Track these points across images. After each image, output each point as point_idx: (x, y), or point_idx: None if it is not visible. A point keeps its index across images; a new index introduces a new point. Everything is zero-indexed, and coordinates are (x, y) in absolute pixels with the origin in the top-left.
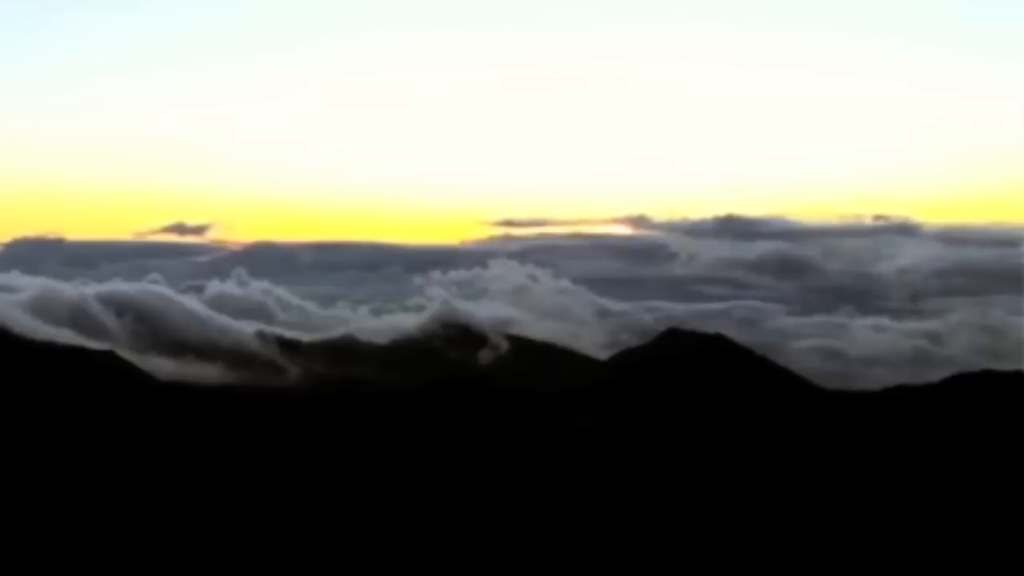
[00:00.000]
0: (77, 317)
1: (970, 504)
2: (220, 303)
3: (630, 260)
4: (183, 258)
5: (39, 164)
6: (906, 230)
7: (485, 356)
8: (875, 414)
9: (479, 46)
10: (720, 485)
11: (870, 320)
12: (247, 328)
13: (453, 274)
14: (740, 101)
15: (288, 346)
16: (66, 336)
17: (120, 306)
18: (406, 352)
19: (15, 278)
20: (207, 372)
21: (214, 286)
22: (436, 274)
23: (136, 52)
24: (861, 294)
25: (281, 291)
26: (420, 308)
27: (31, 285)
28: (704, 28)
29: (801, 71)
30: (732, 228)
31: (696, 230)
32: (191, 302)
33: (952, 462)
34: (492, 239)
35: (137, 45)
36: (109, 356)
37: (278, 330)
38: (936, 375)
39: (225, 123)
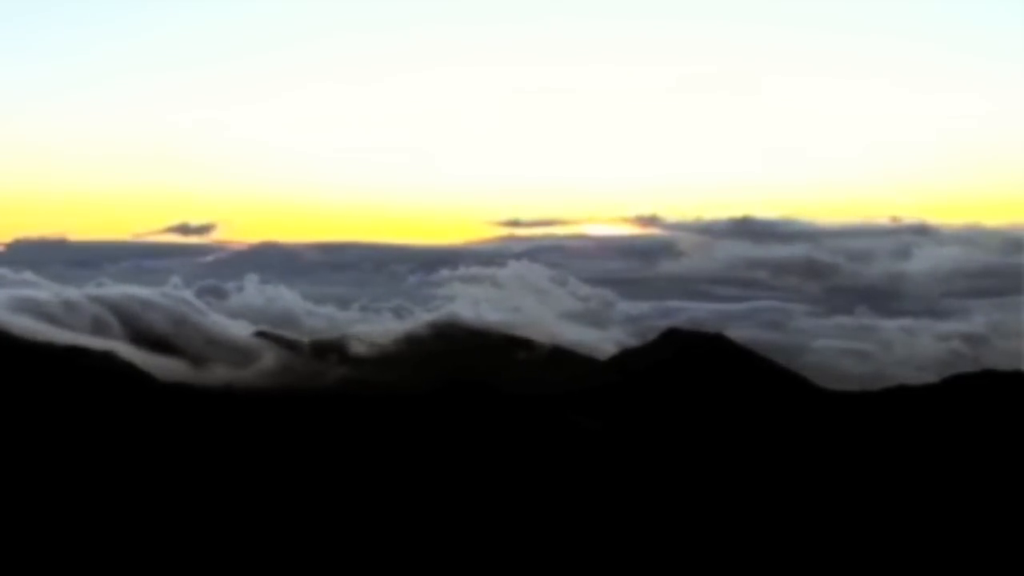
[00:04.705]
0: (86, 319)
1: (970, 504)
2: (226, 305)
3: (643, 260)
4: (187, 259)
5: (41, 165)
6: (923, 231)
7: (490, 357)
8: (875, 414)
9: (484, 46)
10: (722, 485)
11: (897, 322)
12: (251, 329)
13: (459, 274)
14: (750, 102)
15: (291, 347)
16: (78, 339)
17: (131, 309)
18: (411, 353)
19: (27, 278)
20: (211, 373)
21: (221, 288)
22: (442, 274)
23: (139, 53)
24: (883, 296)
25: (285, 291)
26: (425, 309)
27: (40, 286)
28: (714, 29)
29: (813, 73)
30: (748, 229)
31: (710, 230)
32: (201, 305)
33: (952, 462)
34: (498, 239)
35: (140, 46)
36: (109, 357)
37: (282, 331)
38: None
39: (228, 123)
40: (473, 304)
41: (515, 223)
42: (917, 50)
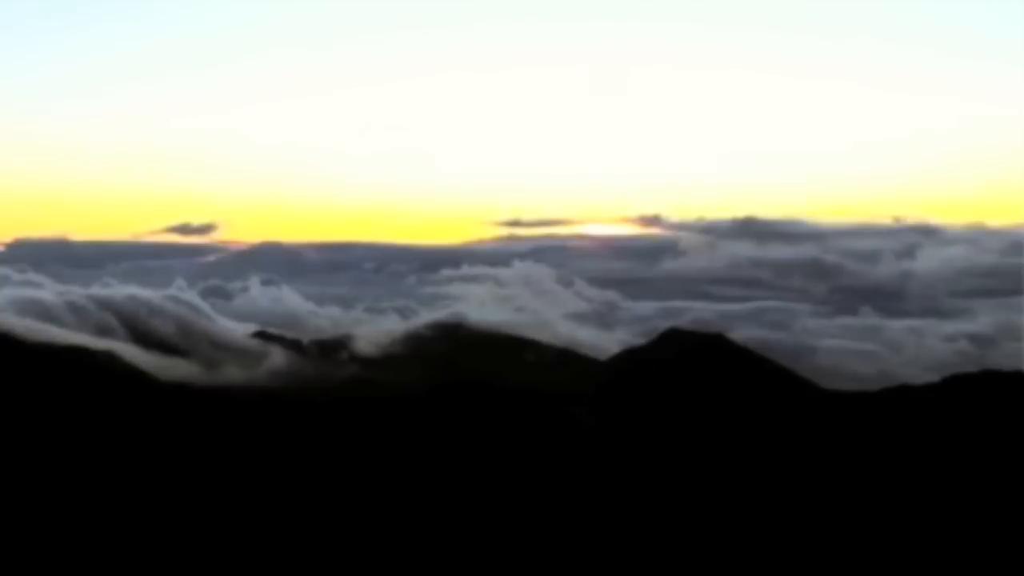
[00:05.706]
0: (90, 320)
1: (970, 504)
2: (231, 306)
3: (645, 260)
4: (188, 259)
5: (43, 165)
6: (927, 232)
7: (496, 357)
8: (874, 414)
9: (487, 46)
10: (719, 485)
11: (902, 323)
12: (257, 330)
13: (461, 274)
14: (753, 103)
15: (296, 348)
16: (81, 340)
17: (136, 310)
18: (416, 353)
19: (31, 278)
20: (217, 374)
21: (225, 289)
22: (444, 275)
23: (141, 55)
24: (888, 296)
25: (289, 292)
26: (430, 309)
27: (44, 287)
28: (715, 30)
29: (816, 74)
30: (750, 229)
31: (712, 230)
32: (206, 306)
33: (952, 463)
34: (499, 239)
35: (141, 48)
36: (113, 358)
37: (286, 332)
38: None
39: (229, 124)
40: (478, 305)
41: (516, 223)
42: (920, 51)
